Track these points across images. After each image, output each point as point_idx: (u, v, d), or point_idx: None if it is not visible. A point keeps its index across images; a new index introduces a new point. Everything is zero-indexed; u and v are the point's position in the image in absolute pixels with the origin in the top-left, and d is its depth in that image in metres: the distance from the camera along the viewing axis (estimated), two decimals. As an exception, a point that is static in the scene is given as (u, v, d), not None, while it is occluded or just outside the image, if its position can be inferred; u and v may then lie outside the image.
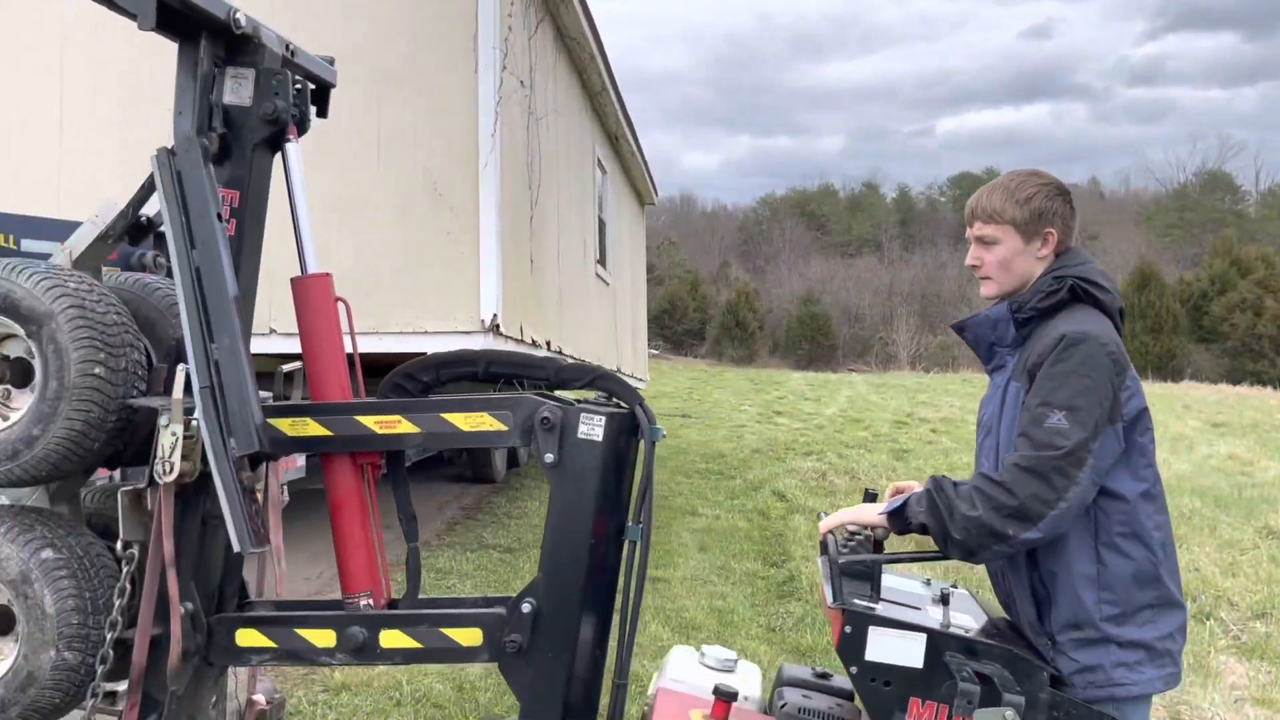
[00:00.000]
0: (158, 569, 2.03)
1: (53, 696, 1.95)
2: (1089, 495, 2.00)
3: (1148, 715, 2.14)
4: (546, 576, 2.28)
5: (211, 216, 2.13)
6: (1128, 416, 2.03)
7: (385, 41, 6.25)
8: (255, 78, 2.26)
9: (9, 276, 1.98)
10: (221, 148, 2.24)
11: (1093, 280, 2.13)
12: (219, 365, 2.06)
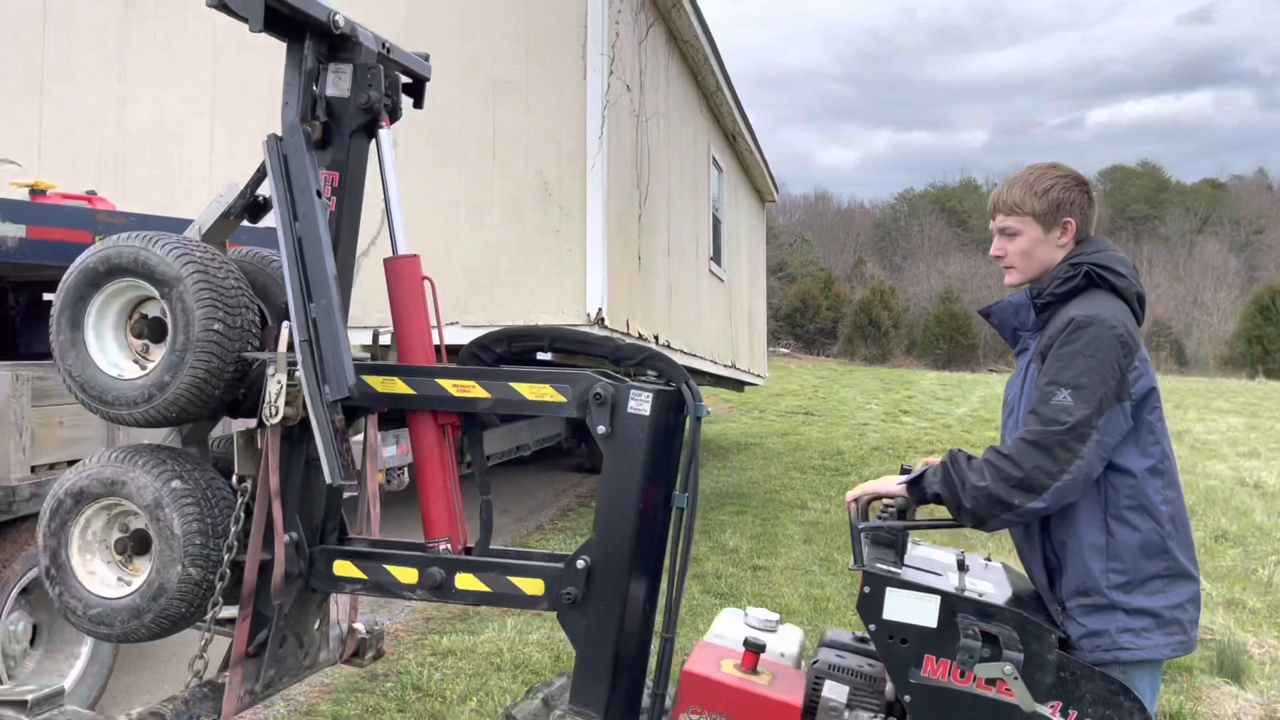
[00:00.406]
0: (265, 500, 2.37)
1: (179, 606, 2.29)
2: (1094, 469, 2.12)
3: (1156, 680, 2.24)
4: (599, 537, 2.52)
5: (312, 194, 2.46)
6: (1136, 395, 2.14)
7: (501, 52, 6.61)
8: (353, 72, 2.57)
9: (146, 247, 2.33)
10: (323, 134, 2.57)
11: (1109, 266, 2.24)
12: (316, 323, 2.37)
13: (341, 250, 2.59)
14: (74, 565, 2.36)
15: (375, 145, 2.69)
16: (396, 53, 2.78)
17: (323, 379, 2.35)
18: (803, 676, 2.41)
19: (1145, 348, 2.24)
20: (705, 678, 2.29)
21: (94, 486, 2.33)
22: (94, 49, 7.17)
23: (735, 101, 10.97)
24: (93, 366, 2.39)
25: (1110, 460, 2.15)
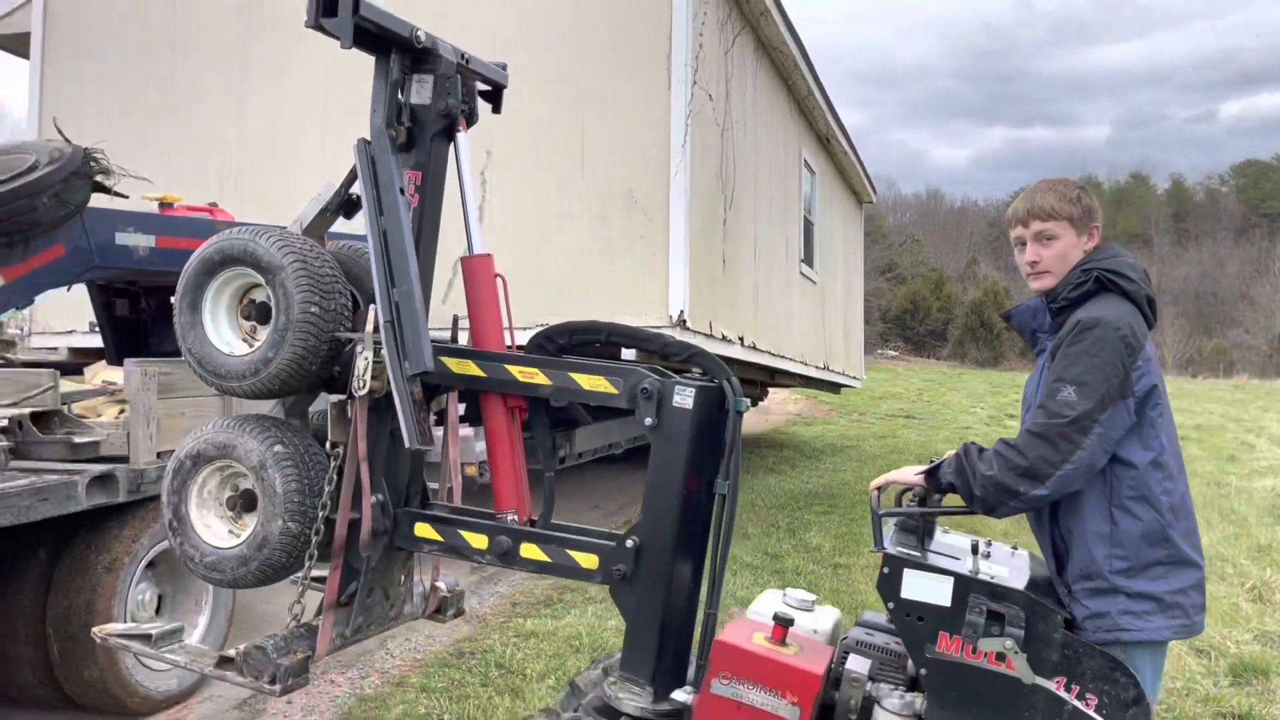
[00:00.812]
0: (354, 464, 2.66)
1: (280, 557, 2.59)
2: (1096, 460, 2.26)
3: (1159, 660, 2.37)
4: (646, 520, 2.76)
5: (395, 191, 2.73)
6: (1139, 393, 2.28)
7: (589, 65, 6.91)
8: (434, 81, 2.84)
9: (254, 239, 2.65)
10: (407, 138, 2.84)
11: (1119, 271, 2.38)
12: (399, 306, 2.65)
13: (423, 242, 2.88)
14: (192, 519, 2.70)
15: (453, 148, 2.98)
16: (475, 63, 3.05)
17: (403, 355, 2.63)
18: (830, 650, 2.60)
19: (1154, 347, 2.37)
20: (735, 647, 2.51)
21: (209, 450, 2.67)
22: (217, 69, 7.74)
23: (827, 105, 11.06)
24: (209, 345, 2.72)
25: (1114, 453, 2.29)
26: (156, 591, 4.23)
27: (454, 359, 2.84)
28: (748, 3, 8.03)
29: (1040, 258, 2.49)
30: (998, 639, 2.25)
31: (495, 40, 7.07)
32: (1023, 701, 2.29)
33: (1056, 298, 2.44)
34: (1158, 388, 2.31)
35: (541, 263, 6.89)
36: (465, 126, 2.98)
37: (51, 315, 7.91)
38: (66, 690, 3.90)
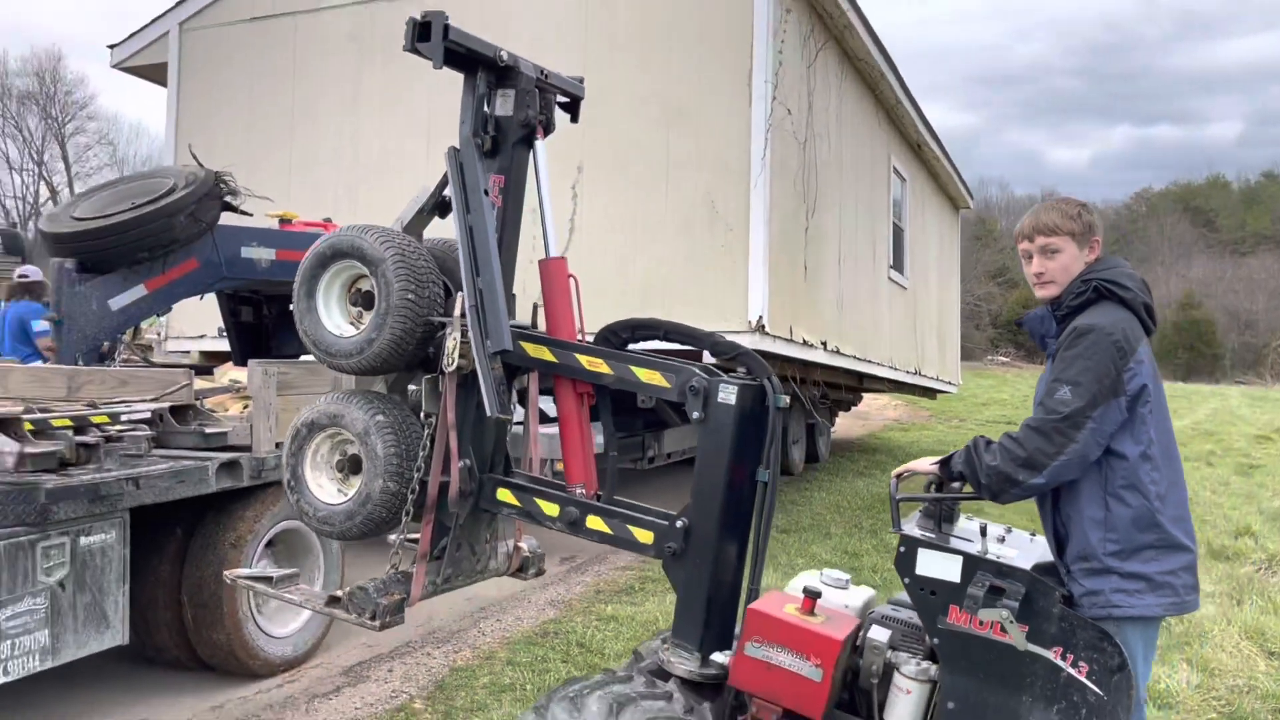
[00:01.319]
0: (444, 432, 3.04)
1: (381, 512, 2.99)
2: (1090, 452, 2.50)
3: (1150, 635, 2.59)
4: (695, 503, 3.08)
5: (480, 193, 3.10)
6: (1131, 392, 2.51)
7: (674, 83, 7.27)
8: (515, 95, 3.21)
9: (360, 235, 3.04)
10: (492, 146, 3.21)
11: (1116, 281, 2.62)
12: (481, 293, 3.01)
13: (506, 238, 3.24)
14: (307, 479, 3.13)
15: (533, 155, 3.34)
16: (553, 77, 3.41)
17: (485, 335, 2.99)
18: (855, 621, 2.89)
19: (1148, 350, 2.59)
20: (766, 614, 2.82)
21: (322, 419, 3.09)
22: (332, 94, 8.36)
23: (917, 112, 11.17)
24: (322, 328, 3.13)
25: (1109, 446, 2.53)
26: (276, 569, 4.73)
27: (531, 344, 3.21)
28: (831, 18, 8.27)
29: (1045, 270, 2.73)
30: (995, 609, 2.51)
31: (587, 61, 7.49)
32: (1025, 669, 2.54)
33: (1060, 305, 2.69)
34: (1148, 387, 2.54)
35: (629, 271, 7.28)
36: (543, 135, 3.35)
37: (184, 321, 8.65)
38: (198, 652, 4.43)
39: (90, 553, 3.64)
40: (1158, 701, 4.55)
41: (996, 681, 2.58)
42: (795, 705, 2.76)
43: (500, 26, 7.24)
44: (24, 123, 47.64)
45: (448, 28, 3.03)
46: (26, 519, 3.43)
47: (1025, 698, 2.55)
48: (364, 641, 5.10)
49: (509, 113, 3.21)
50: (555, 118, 3.43)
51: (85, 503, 3.62)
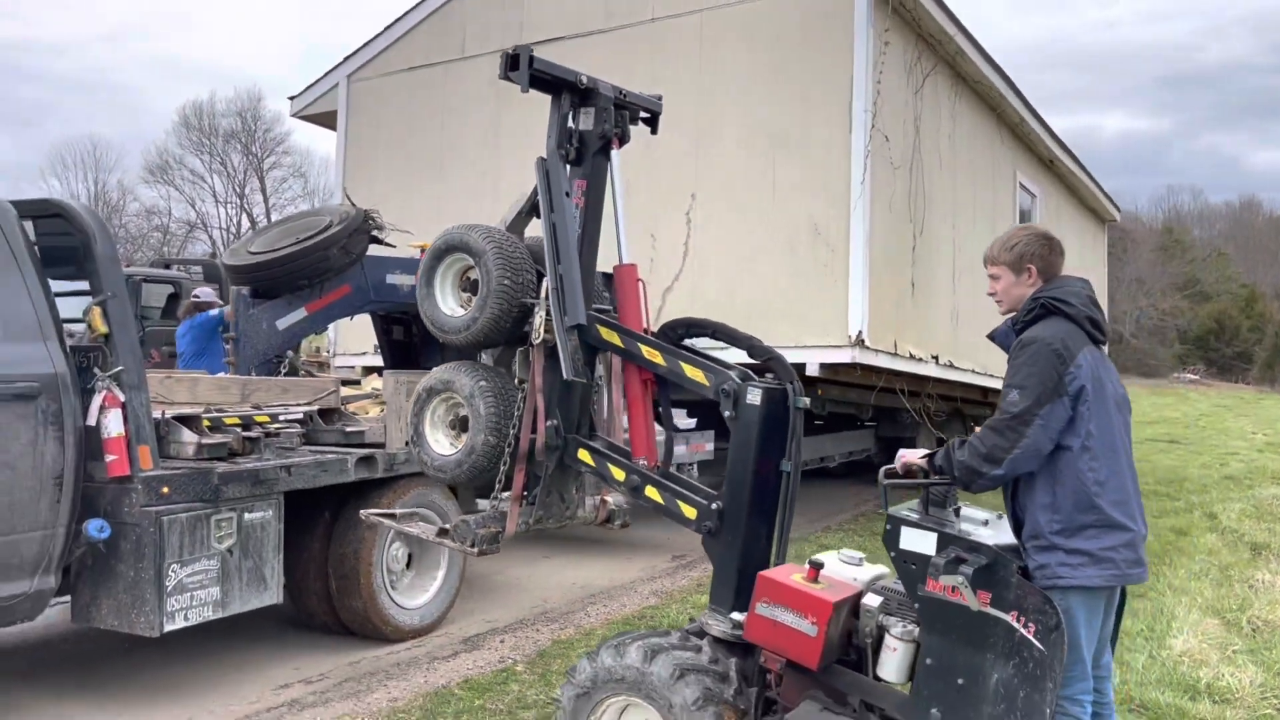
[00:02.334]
0: (534, 395, 3.67)
1: (483, 461, 3.63)
2: (1041, 445, 2.91)
3: (1093, 604, 2.96)
4: (727, 489, 3.61)
5: (563, 195, 3.74)
6: (1071, 393, 2.91)
7: (780, 116, 7.78)
8: (595, 112, 3.85)
9: (467, 233, 3.70)
10: (576, 156, 3.86)
11: (1061, 299, 3.04)
12: (562, 277, 3.63)
13: (587, 232, 3.86)
14: (426, 435, 3.83)
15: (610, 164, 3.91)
16: (631, 96, 4.01)
17: (564, 312, 3.61)
18: (853, 589, 3.35)
19: (1091, 356, 2.98)
20: (773, 580, 3.32)
21: (437, 385, 3.78)
22: (476, 133, 9.26)
23: (1045, 129, 11.23)
24: (438, 309, 3.83)
25: (1057, 441, 2.93)
26: (407, 550, 5.51)
27: (605, 329, 3.79)
28: (940, 44, 8.59)
29: (995, 291, 3.22)
30: (953, 575, 2.94)
31: (700, 98, 8.11)
32: (988, 630, 2.96)
33: (1017, 321, 3.11)
34: (1086, 388, 2.93)
35: (737, 290, 7.82)
36: (618, 145, 3.97)
37: (350, 340, 9.73)
38: (341, 617, 5.24)
39: (252, 526, 4.49)
40: (1216, 697, 4.73)
41: (965, 641, 3.00)
42: (796, 656, 3.25)
43: (625, 69, 7.95)
44: (228, 159, 52.12)
45: (533, 58, 3.71)
46: (203, 496, 4.29)
47: (989, 655, 2.96)
48: (483, 617, 5.82)
49: (590, 127, 3.86)
50: (629, 131, 4.02)
51: (248, 485, 4.47)
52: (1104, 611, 3.06)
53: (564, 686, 3.54)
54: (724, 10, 8.09)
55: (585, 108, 3.87)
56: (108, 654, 5.14)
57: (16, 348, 3.85)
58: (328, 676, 4.79)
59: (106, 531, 4.01)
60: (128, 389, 4.09)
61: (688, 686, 3.29)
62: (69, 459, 3.95)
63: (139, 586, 4.07)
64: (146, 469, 4.12)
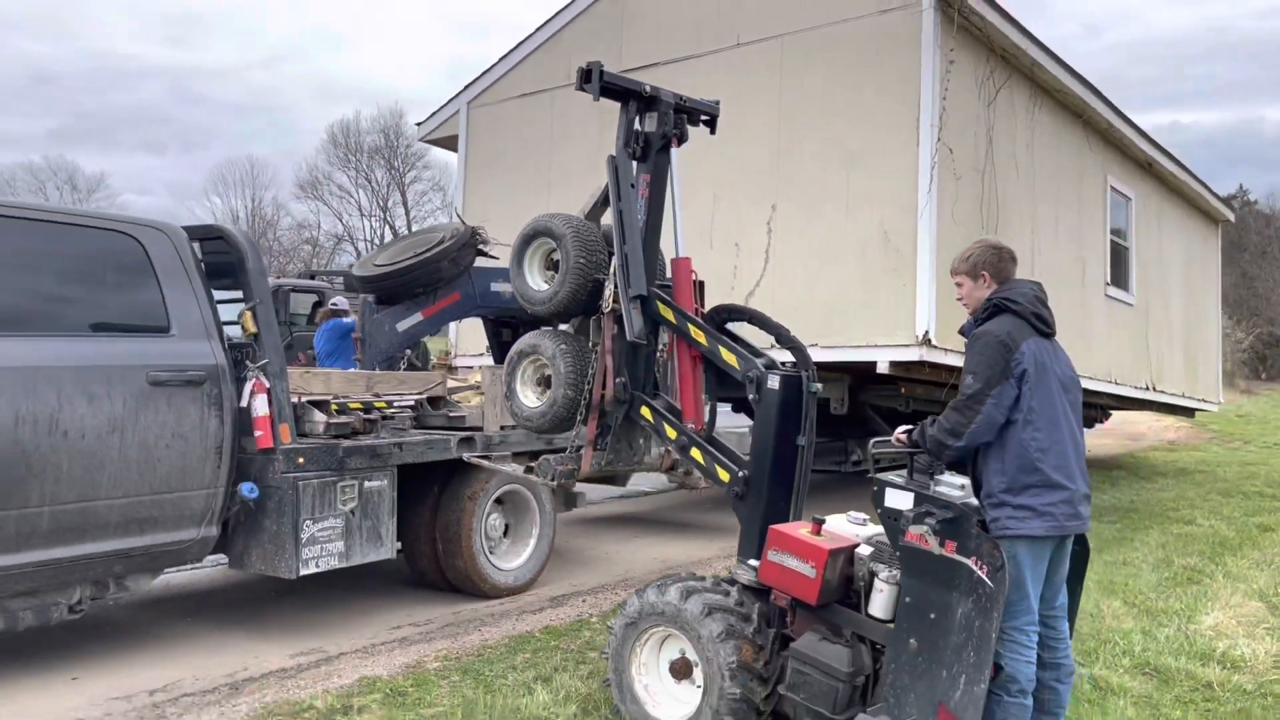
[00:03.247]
0: (604, 356, 4.45)
1: (563, 412, 4.43)
2: (994, 420, 3.52)
3: (1038, 551, 3.54)
4: (752, 460, 4.30)
5: (629, 186, 4.51)
6: (1016, 375, 3.51)
7: (852, 130, 8.36)
8: (658, 115, 4.61)
9: (549, 220, 4.52)
10: (642, 153, 4.62)
11: (1009, 299, 3.64)
12: (626, 255, 4.39)
13: (650, 219, 4.59)
14: (517, 391, 4.65)
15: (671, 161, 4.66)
16: (690, 101, 4.76)
17: (627, 284, 4.37)
18: (851, 541, 3.98)
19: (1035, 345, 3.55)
20: (781, 531, 3.98)
21: (526, 348, 4.60)
22: (580, 155, 10.10)
23: (1139, 133, 11.40)
24: (526, 285, 4.66)
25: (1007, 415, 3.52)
26: (504, 520, 6.37)
27: (662, 305, 4.51)
28: (1015, 58, 9.00)
29: (960, 295, 3.83)
30: (920, 525, 3.57)
31: (781, 116, 8.77)
32: (953, 572, 3.55)
33: (976, 319, 3.71)
34: (1028, 372, 3.52)
35: (813, 293, 8.43)
36: (678, 144, 4.73)
37: (469, 342, 10.72)
38: (447, 575, 6.12)
39: (371, 492, 5.40)
40: (1227, 664, 5.13)
41: (936, 583, 3.60)
42: (798, 594, 3.91)
43: (713, 90, 8.66)
44: (372, 174, 55.02)
45: (603, 72, 4.50)
46: (331, 466, 5.22)
47: (955, 594, 3.56)
48: (570, 582, 6.63)
49: (653, 129, 4.65)
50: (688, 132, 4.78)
51: (367, 458, 5.39)
52: (1053, 558, 3.63)
53: (615, 619, 4.29)
54: (802, 35, 8.72)
55: (649, 112, 4.63)
56: (258, 598, 6.15)
57: (188, 344, 4.85)
58: (433, 621, 5.68)
59: (255, 492, 4.97)
60: (272, 377, 5.06)
61: (714, 622, 3.98)
62: (227, 433, 4.92)
63: (280, 538, 5.02)
64: (286, 443, 5.07)
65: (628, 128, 4.60)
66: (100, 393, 4.43)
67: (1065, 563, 3.74)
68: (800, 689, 3.78)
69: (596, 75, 4.48)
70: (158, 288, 4.82)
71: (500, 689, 4.46)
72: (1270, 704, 4.62)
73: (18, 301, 4.35)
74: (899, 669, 3.55)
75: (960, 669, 3.38)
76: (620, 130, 4.62)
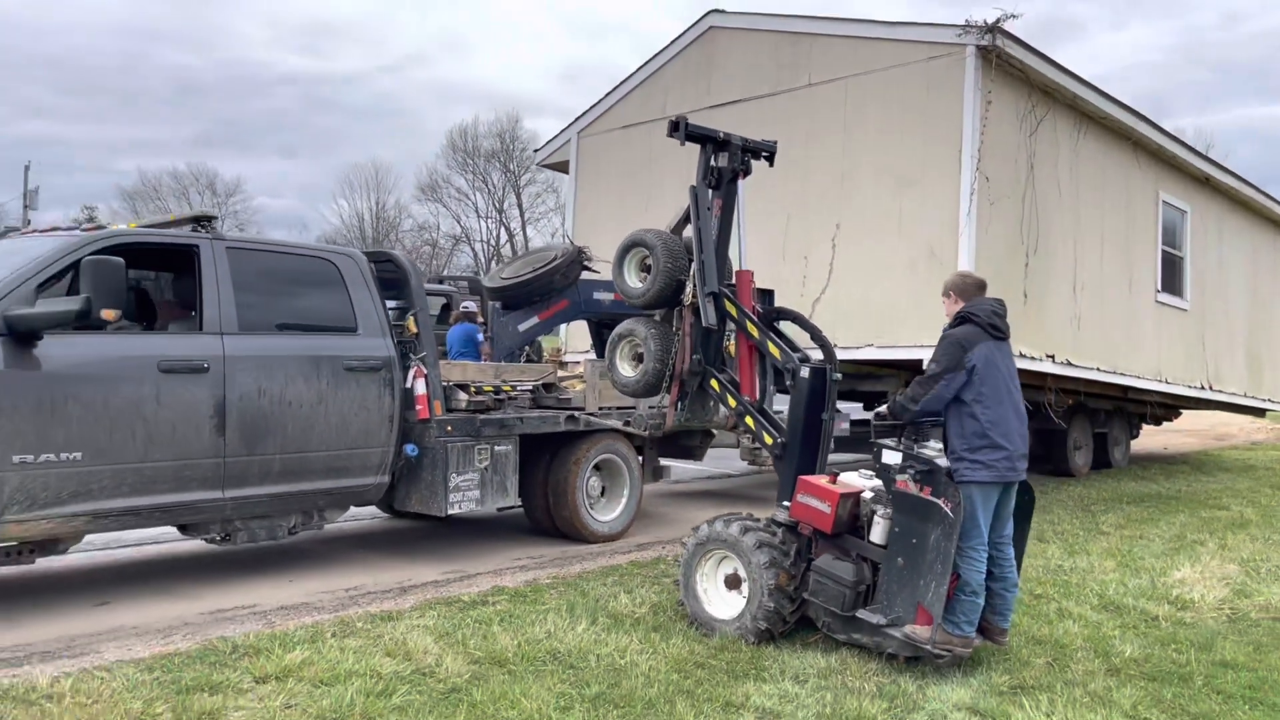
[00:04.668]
0: (683, 338, 5.97)
1: (652, 380, 5.94)
2: (944, 397, 4.95)
3: (988, 495, 4.94)
4: (788, 429, 5.76)
5: (706, 209, 6.04)
6: (968, 368, 4.92)
7: (905, 160, 9.69)
8: (729, 154, 6.13)
9: (642, 233, 6.06)
10: (715, 183, 6.13)
11: (971, 312, 5.05)
12: (703, 262, 5.92)
13: (721, 235, 6.08)
14: (617, 365, 6.19)
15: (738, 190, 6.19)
16: (752, 142, 6.26)
17: (703, 283, 5.88)
18: (858, 488, 5.39)
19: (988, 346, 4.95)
20: (807, 480, 5.42)
21: (624, 331, 6.13)
22: (673, 180, 11.59)
23: (1190, 150, 12.34)
24: (625, 283, 6.15)
25: (961, 397, 4.94)
26: (601, 483, 7.97)
27: (729, 302, 5.97)
28: (1057, 91, 10.17)
29: (946, 310, 5.21)
30: (905, 474, 5.00)
31: (846, 147, 10.15)
32: (929, 510, 4.91)
33: (949, 326, 5.14)
34: (977, 366, 4.94)
35: (869, 301, 9.79)
36: (744, 176, 6.25)
37: (577, 341, 12.38)
38: (556, 524, 7.75)
39: (499, 454, 7.06)
40: (1178, 605, 6.34)
41: (917, 517, 4.96)
42: (818, 525, 5.32)
43: (787, 123, 10.13)
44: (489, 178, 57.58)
45: (688, 123, 6.05)
46: (470, 433, 6.90)
47: (929, 525, 4.92)
48: (654, 535, 8.19)
49: (725, 165, 6.20)
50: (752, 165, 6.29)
51: (497, 429, 7.06)
52: (1000, 500, 5.03)
53: (688, 538, 5.76)
54: (863, 78, 10.09)
55: (722, 151, 6.16)
56: (410, 539, 7.89)
57: (370, 341, 6.58)
58: (545, 556, 7.32)
59: (416, 451, 6.67)
60: (428, 366, 6.76)
61: (763, 554, 5.42)
62: (396, 406, 6.64)
63: (434, 485, 6.72)
64: (439, 415, 6.78)
65: (705, 164, 6.13)
66: (312, 375, 6.19)
67: (1010, 504, 5.13)
68: (819, 594, 5.24)
69: (683, 126, 6.03)
70: (348, 299, 6.57)
71: (593, 594, 6.06)
72: (1198, 633, 5.85)
73: (257, 310, 6.13)
74: (890, 579, 4.98)
75: (932, 578, 4.78)
76: (700, 165, 6.15)
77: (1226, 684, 4.95)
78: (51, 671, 4.44)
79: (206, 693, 4.24)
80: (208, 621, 5.44)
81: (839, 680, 4.76)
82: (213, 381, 5.74)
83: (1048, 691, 4.70)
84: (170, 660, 4.65)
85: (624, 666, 4.78)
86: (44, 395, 5.10)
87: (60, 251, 5.41)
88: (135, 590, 6.12)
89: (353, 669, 4.55)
